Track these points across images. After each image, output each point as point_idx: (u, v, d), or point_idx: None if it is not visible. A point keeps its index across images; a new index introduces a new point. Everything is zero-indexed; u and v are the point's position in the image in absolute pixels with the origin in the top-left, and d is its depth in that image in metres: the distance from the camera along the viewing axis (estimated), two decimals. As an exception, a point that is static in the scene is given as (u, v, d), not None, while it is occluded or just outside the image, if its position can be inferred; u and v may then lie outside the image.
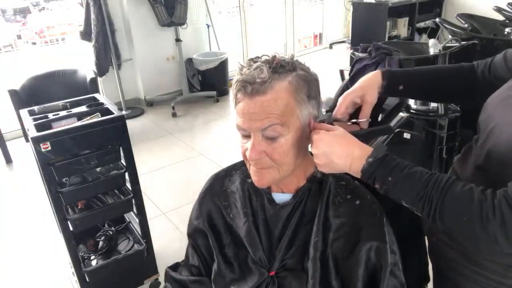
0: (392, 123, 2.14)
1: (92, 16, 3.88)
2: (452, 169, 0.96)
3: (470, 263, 0.85)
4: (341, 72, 2.67)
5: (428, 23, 5.45)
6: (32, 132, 1.50)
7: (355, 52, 2.48)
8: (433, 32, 5.43)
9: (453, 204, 0.68)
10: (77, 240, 1.85)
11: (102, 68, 4.04)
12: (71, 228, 1.68)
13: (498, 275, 0.81)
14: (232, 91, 0.83)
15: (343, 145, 0.77)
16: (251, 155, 0.81)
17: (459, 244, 0.86)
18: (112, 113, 1.67)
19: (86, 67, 3.64)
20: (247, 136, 0.83)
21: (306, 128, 0.83)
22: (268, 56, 0.83)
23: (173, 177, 3.10)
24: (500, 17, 3.55)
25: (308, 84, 0.82)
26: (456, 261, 0.88)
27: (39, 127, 1.55)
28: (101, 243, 1.91)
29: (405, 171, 0.72)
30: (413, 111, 2.20)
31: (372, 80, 0.93)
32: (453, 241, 0.88)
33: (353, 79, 2.19)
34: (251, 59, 0.83)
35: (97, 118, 1.64)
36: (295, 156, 0.83)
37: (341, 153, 0.76)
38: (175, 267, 1.07)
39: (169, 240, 2.36)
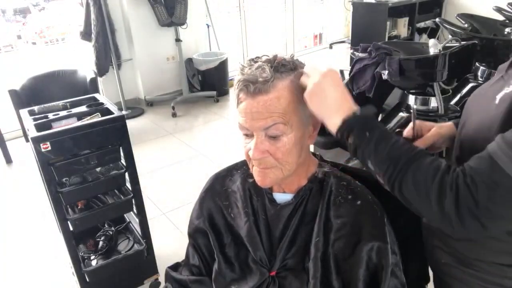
0: (392, 123, 2.15)
1: (92, 16, 3.87)
2: None
3: (464, 266, 0.84)
4: (341, 72, 2.66)
5: (428, 23, 5.44)
6: (32, 132, 1.50)
7: (355, 52, 2.47)
8: (433, 32, 5.43)
9: (416, 174, 0.67)
10: (77, 240, 1.85)
11: (102, 68, 4.04)
12: (71, 228, 1.68)
13: (496, 276, 0.81)
14: (233, 91, 0.83)
15: (342, 92, 0.76)
16: (254, 155, 0.81)
17: (452, 248, 0.85)
18: (112, 113, 1.67)
19: (86, 67, 3.64)
20: (249, 136, 0.83)
21: (308, 126, 0.84)
22: (268, 56, 0.83)
23: (173, 177, 3.10)
24: (500, 17, 3.55)
25: (309, 83, 0.82)
26: (450, 265, 0.87)
27: (39, 127, 1.55)
28: (101, 243, 1.91)
29: (385, 133, 0.73)
30: (413, 111, 2.20)
31: (449, 129, 0.92)
32: (447, 245, 0.87)
33: (353, 79, 2.19)
34: (252, 59, 0.83)
35: (97, 118, 1.64)
36: (297, 155, 0.83)
37: (338, 95, 0.76)
38: (175, 267, 1.07)
39: (169, 240, 2.36)
